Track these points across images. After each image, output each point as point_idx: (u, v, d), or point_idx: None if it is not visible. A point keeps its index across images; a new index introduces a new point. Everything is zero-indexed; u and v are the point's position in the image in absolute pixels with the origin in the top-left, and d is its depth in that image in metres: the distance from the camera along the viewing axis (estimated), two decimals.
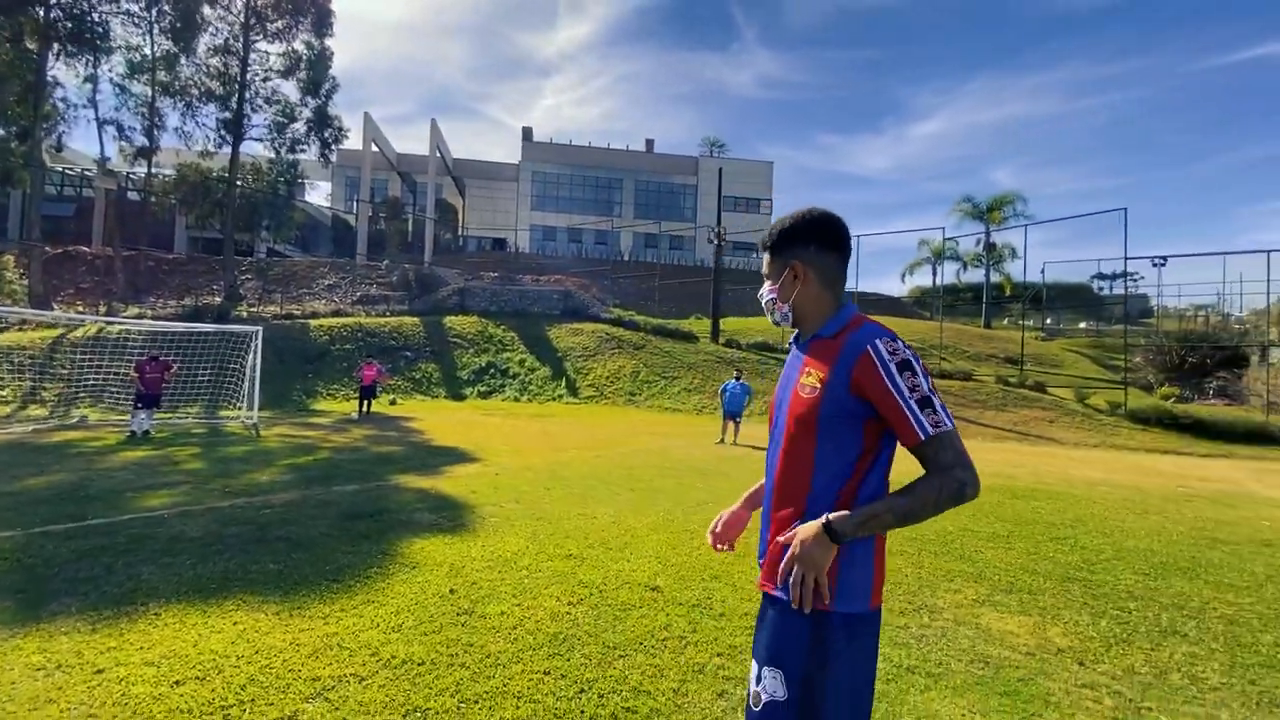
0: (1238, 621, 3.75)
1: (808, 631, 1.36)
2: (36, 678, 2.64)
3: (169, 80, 27.29)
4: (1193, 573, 4.71)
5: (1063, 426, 17.19)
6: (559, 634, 3.22)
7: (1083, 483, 9.21)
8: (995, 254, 36.83)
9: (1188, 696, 2.81)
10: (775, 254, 1.60)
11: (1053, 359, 28.67)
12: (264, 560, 4.26)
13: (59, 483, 6.74)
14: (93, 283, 27.96)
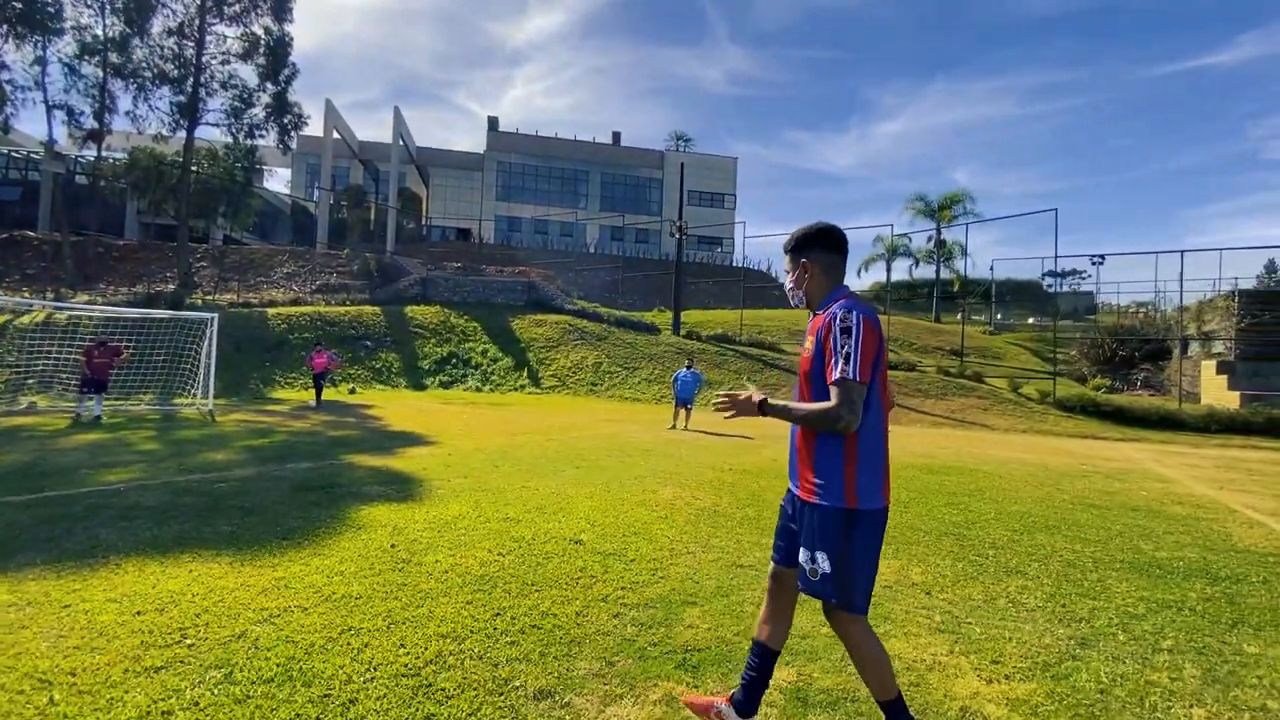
0: (1075, 565, 4.41)
1: (841, 524, 1.95)
2: (9, 611, 2.98)
3: (121, 62, 26.52)
4: (1057, 530, 5.40)
5: (996, 414, 18.26)
6: (485, 576, 3.67)
7: (996, 461, 10.01)
8: (945, 251, 38.24)
9: (1005, 615, 3.41)
10: (793, 255, 2.20)
11: (995, 352, 30.08)
12: (218, 524, 4.60)
13: (12, 462, 6.89)
14: (39, 269, 27.08)
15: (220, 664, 2.53)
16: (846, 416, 1.87)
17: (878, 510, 1.98)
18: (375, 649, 2.70)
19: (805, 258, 2.15)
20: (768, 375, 22.63)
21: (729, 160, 54.77)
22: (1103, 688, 2.61)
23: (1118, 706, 2.46)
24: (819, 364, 2.00)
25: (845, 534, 1.94)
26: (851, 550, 1.94)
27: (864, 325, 1.92)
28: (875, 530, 1.98)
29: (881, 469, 1.99)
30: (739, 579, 3.80)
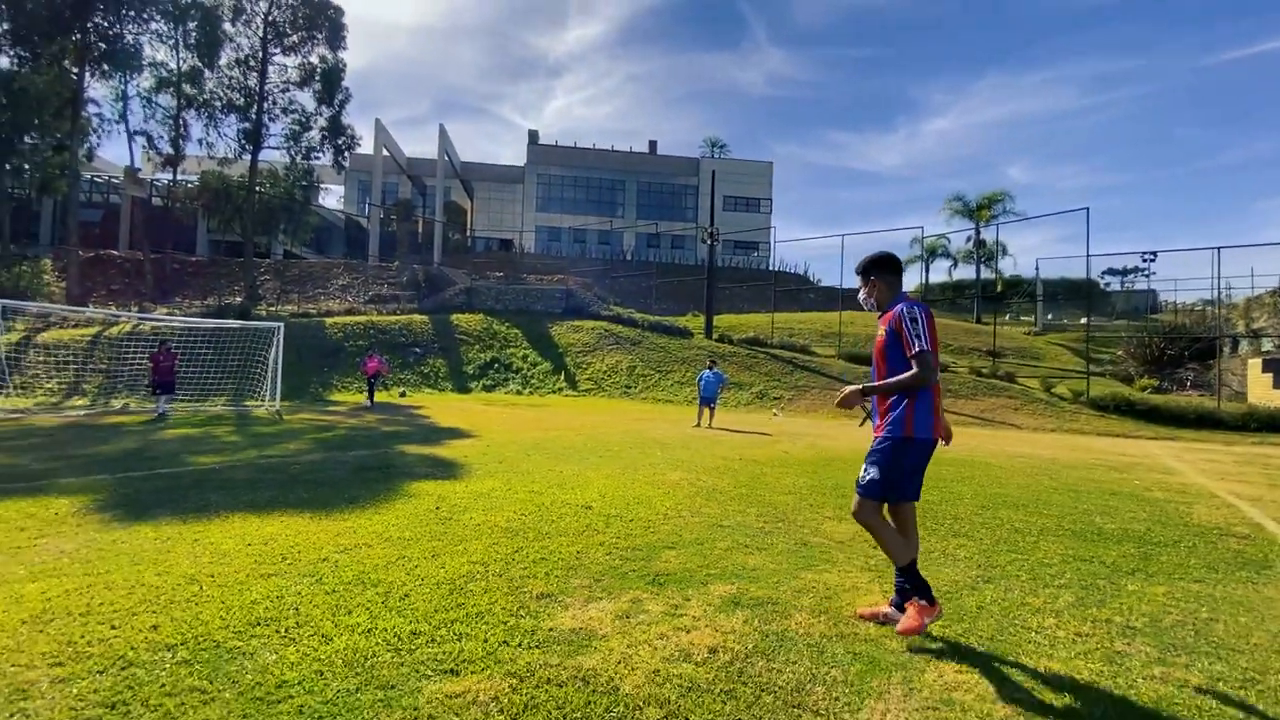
0: (1021, 531, 5.00)
1: (892, 446, 2.86)
2: (158, 543, 4.02)
3: (194, 93, 28.94)
4: (1023, 508, 5.96)
5: (1025, 413, 18.30)
6: (509, 528, 4.56)
7: (1005, 456, 10.41)
8: (985, 251, 37.72)
9: (933, 562, 4.08)
10: (863, 275, 3.13)
11: (1036, 352, 29.64)
12: (297, 491, 5.64)
13: (124, 449, 8.19)
14: (123, 284, 29.73)
15: (311, 574, 3.47)
16: (928, 375, 2.78)
17: (927, 440, 2.89)
18: (422, 569, 3.60)
19: (874, 277, 3.09)
20: (797, 376, 23.07)
21: (764, 165, 55.06)
22: (981, 605, 3.29)
23: (986, 616, 3.15)
24: (894, 347, 2.90)
25: (898, 455, 2.85)
26: (902, 465, 2.86)
27: (925, 314, 2.85)
28: (923, 453, 2.92)
29: (932, 413, 2.88)
30: (715, 534, 4.57)
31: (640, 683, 2.36)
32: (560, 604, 3.14)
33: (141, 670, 2.36)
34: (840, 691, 2.35)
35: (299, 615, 2.90)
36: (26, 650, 2.50)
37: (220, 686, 2.25)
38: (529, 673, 2.40)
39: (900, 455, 2.86)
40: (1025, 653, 2.73)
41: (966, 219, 38.36)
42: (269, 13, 29.13)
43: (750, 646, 2.70)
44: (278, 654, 2.51)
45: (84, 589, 3.17)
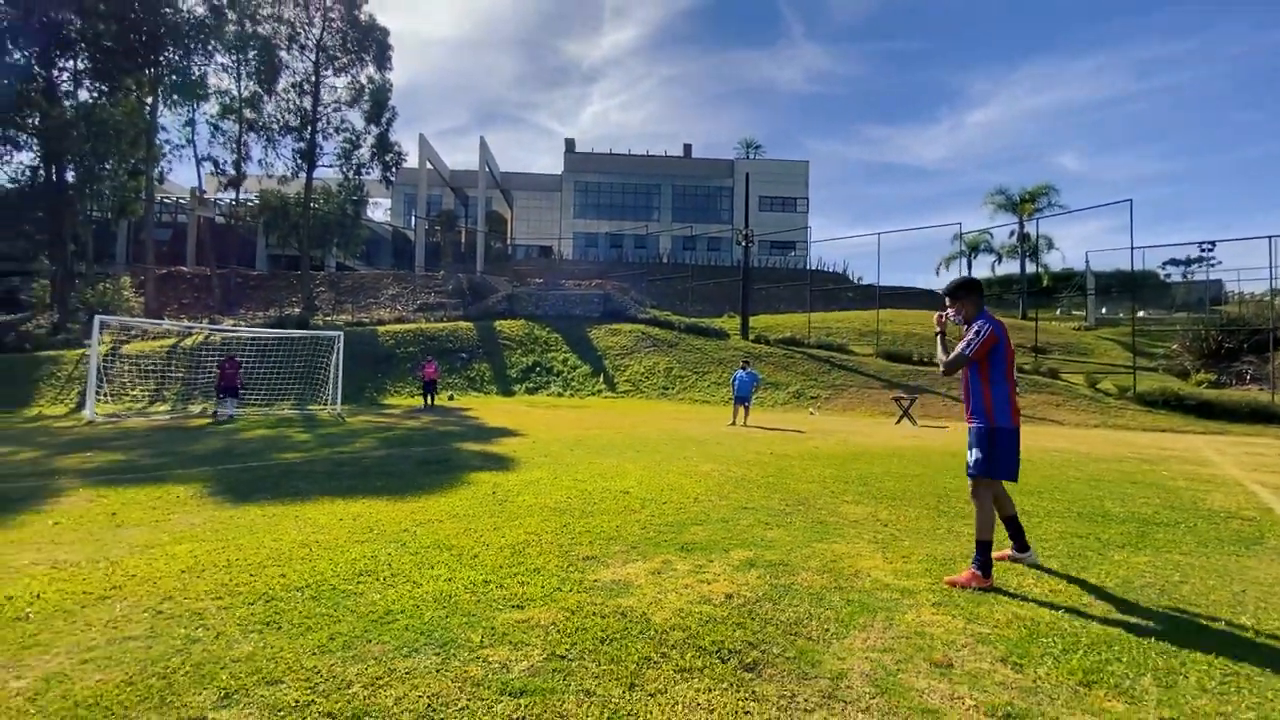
0: (1028, 514, 5.34)
1: (987, 433, 3.56)
2: (266, 519, 4.78)
3: (254, 117, 30.88)
4: (1039, 495, 6.27)
5: (1068, 410, 18.09)
6: (557, 508, 5.19)
7: (1038, 450, 10.54)
8: (1029, 245, 36.87)
9: (935, 538, 4.51)
10: (952, 296, 3.85)
11: (1084, 348, 28.93)
12: (372, 481, 6.41)
13: (214, 447, 9.20)
14: (193, 298, 31.89)
15: (396, 541, 4.16)
16: (950, 364, 3.72)
17: (1009, 428, 3.58)
18: (487, 538, 4.26)
19: (960, 299, 3.82)
20: (834, 375, 23.21)
21: (800, 164, 54.90)
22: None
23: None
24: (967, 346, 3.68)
25: (990, 440, 3.57)
26: (996, 449, 3.56)
27: (987, 331, 3.60)
28: (1010, 438, 3.58)
29: (1009, 406, 3.60)
30: (740, 515, 5.10)
31: (668, 616, 2.93)
32: (602, 564, 3.73)
33: (281, 602, 3.06)
34: (831, 625, 2.87)
35: (392, 569, 3.57)
36: (191, 590, 3.23)
37: (343, 614, 2.93)
38: (579, 608, 3.00)
39: (993, 442, 3.58)
40: (998, 602, 3.19)
41: (1009, 213, 37.59)
42: (321, 38, 30.86)
43: (760, 594, 3.23)
44: (381, 594, 3.18)
45: (219, 550, 3.92)
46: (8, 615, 2.89)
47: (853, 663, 2.51)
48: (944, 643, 2.70)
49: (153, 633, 2.70)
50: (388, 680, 2.31)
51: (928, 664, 2.51)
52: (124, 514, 4.89)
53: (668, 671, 2.41)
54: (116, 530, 4.43)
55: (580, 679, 2.34)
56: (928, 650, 2.63)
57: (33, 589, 3.22)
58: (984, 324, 3.60)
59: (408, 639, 2.65)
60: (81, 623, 2.82)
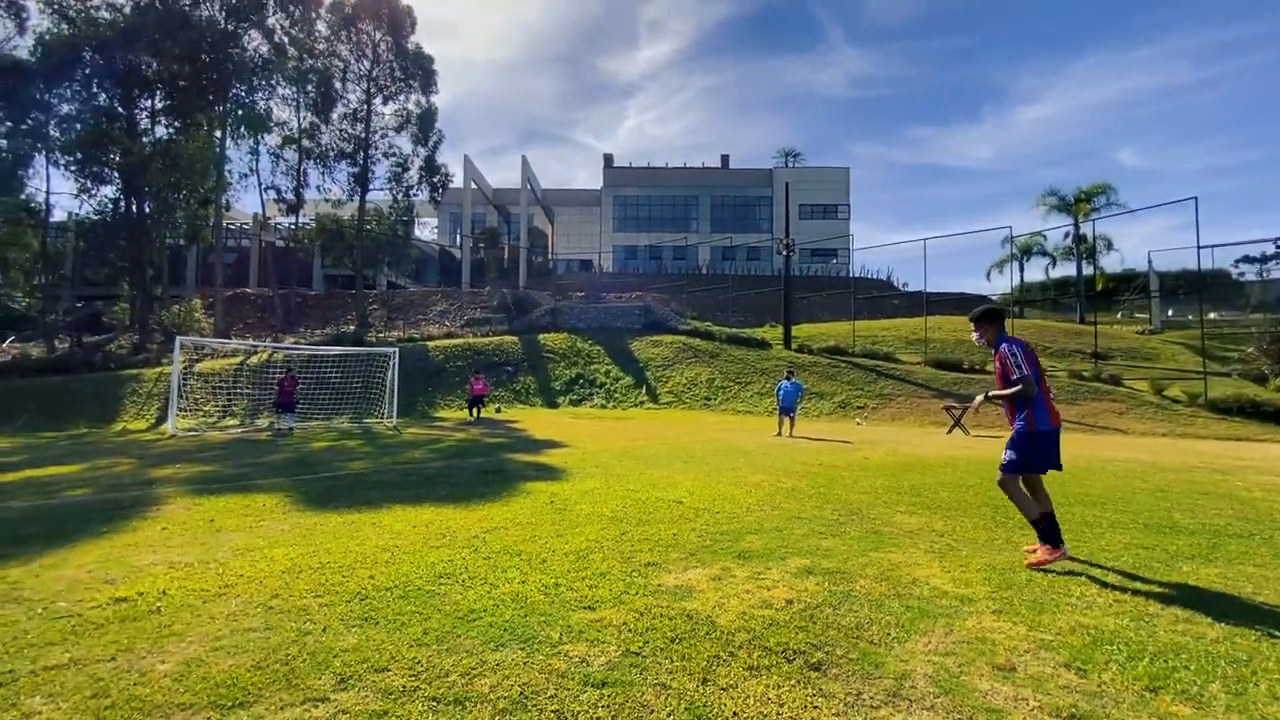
0: (1090, 525, 5.28)
1: (1024, 435, 4.08)
2: (343, 525, 5.14)
3: (311, 146, 32.55)
4: (1102, 505, 6.14)
5: (1133, 418, 17.35)
6: (614, 516, 5.39)
7: (1099, 460, 10.22)
8: (1086, 246, 35.52)
9: (993, 548, 4.52)
10: (976, 322, 4.39)
11: (1148, 352, 27.63)
12: (436, 490, 6.75)
13: (287, 458, 9.77)
14: (256, 318, 33.64)
15: (469, 547, 4.43)
16: (1027, 389, 4.04)
17: (1049, 430, 4.08)
18: (552, 544, 4.48)
19: (983, 325, 4.35)
20: (881, 385, 22.83)
21: (841, 171, 54.37)
22: (1030, 579, 3.76)
23: (1032, 588, 3.62)
24: (1004, 375, 4.15)
25: (1029, 443, 4.06)
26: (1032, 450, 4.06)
27: (1021, 349, 4.10)
28: (1049, 439, 4.08)
29: (1046, 413, 4.08)
30: (793, 524, 5.20)
31: (732, 619, 3.08)
32: (664, 569, 3.91)
33: (374, 600, 3.34)
34: (892, 629, 2.97)
35: (469, 573, 3.83)
36: (294, 589, 3.55)
37: (430, 611, 3.18)
38: (646, 610, 3.19)
39: (1031, 444, 4.08)
40: (1060, 611, 3.23)
41: (1063, 214, 36.33)
42: (371, 69, 32.38)
43: (820, 600, 3.35)
44: (462, 595, 3.43)
45: (311, 553, 4.26)
46: (142, 609, 3.26)
47: (915, 665, 2.61)
48: (1006, 648, 2.77)
49: (268, 625, 3.01)
50: (480, 671, 2.54)
51: (990, 667, 2.59)
52: (221, 520, 5.33)
53: (737, 669, 2.57)
54: (217, 535, 4.85)
55: (655, 674, 2.52)
56: (990, 654, 2.71)
57: (158, 586, 3.59)
58: (1014, 345, 4.08)
59: (493, 635, 2.88)
60: (205, 616, 3.15)
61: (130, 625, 3.05)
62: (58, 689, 2.43)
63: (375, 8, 31.47)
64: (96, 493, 6.90)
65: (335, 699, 2.32)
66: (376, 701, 2.30)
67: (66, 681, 2.48)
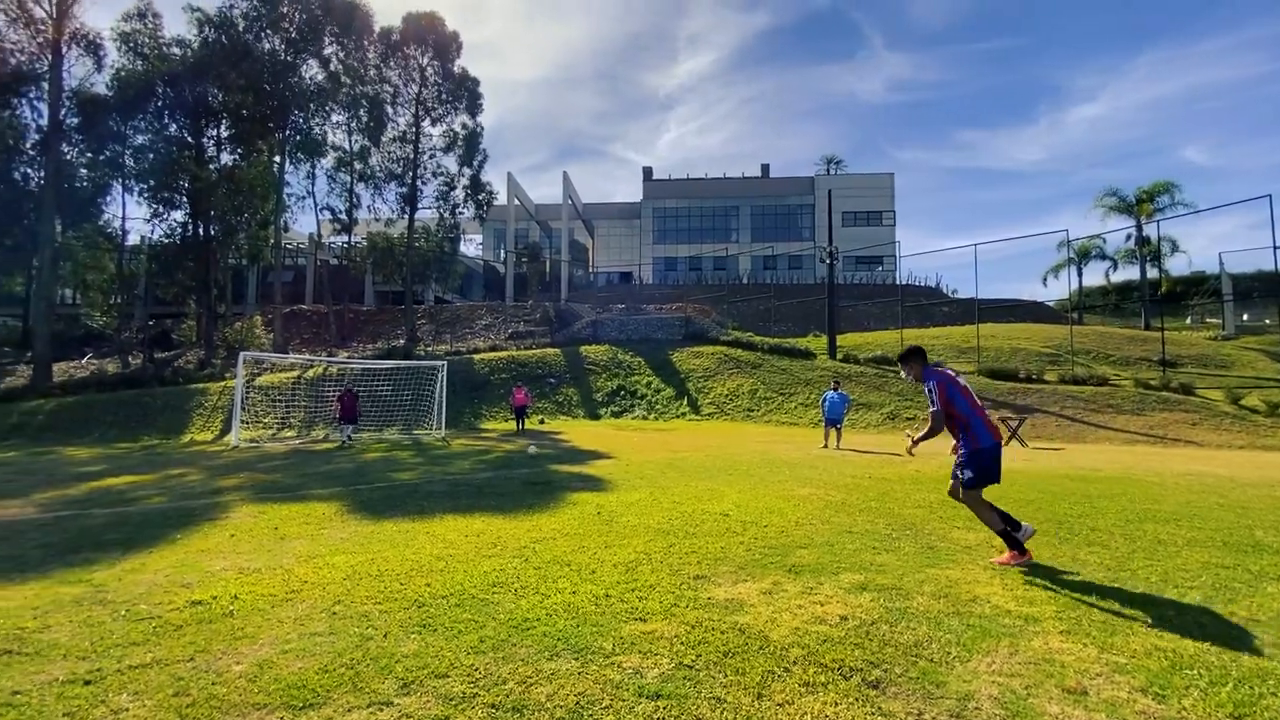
0: (1164, 543, 5.00)
1: (972, 454, 4.31)
2: (399, 533, 5.29)
3: (363, 168, 33.90)
4: (1176, 522, 5.81)
5: (1207, 429, 16.36)
6: (661, 529, 5.39)
7: (1172, 474, 9.67)
8: (1150, 248, 33.83)
9: (1058, 565, 4.33)
10: (901, 363, 4.81)
11: (1222, 359, 26.04)
12: (486, 500, 6.88)
13: (343, 469, 10.12)
14: (312, 334, 35.05)
15: (520, 556, 4.50)
16: (936, 425, 4.41)
17: (991, 445, 4.31)
18: (600, 555, 4.52)
19: (909, 363, 4.74)
20: None
21: (885, 177, 53.39)
22: (1099, 598, 3.58)
23: (1106, 610, 3.46)
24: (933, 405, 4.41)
25: (978, 459, 4.27)
26: (982, 464, 4.27)
27: (936, 385, 4.36)
28: (992, 453, 4.30)
29: (985, 430, 4.33)
30: (844, 539, 5.10)
31: (785, 634, 3.04)
32: (713, 583, 3.89)
33: (432, 608, 3.43)
34: (953, 648, 2.88)
35: (520, 582, 3.89)
36: (355, 595, 3.68)
37: (485, 620, 3.25)
38: (698, 623, 3.18)
39: (980, 460, 4.28)
40: (1134, 633, 3.07)
41: (1124, 215, 34.74)
42: (420, 92, 33.57)
43: (875, 616, 3.28)
44: (515, 604, 3.49)
45: (369, 561, 4.41)
46: (216, 612, 3.43)
47: (979, 685, 2.53)
48: (1076, 670, 2.66)
49: (332, 630, 3.13)
50: (536, 679, 2.58)
51: (1059, 690, 2.49)
52: (284, 528, 5.57)
53: (793, 685, 2.54)
54: (281, 542, 5.06)
55: (710, 687, 2.51)
56: (1059, 676, 2.60)
57: (230, 590, 3.78)
58: (930, 381, 4.41)
59: (547, 644, 2.92)
60: (274, 620, 3.30)
61: (206, 627, 3.21)
62: (142, 687, 2.57)
63: (422, 33, 32.67)
64: (170, 501, 7.29)
65: (399, 703, 2.39)
66: (438, 707, 2.36)
67: (150, 680, 2.63)
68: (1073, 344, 24.79)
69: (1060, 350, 25.68)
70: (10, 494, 8.02)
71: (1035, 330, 30.47)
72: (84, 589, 3.90)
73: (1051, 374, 22.12)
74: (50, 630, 3.20)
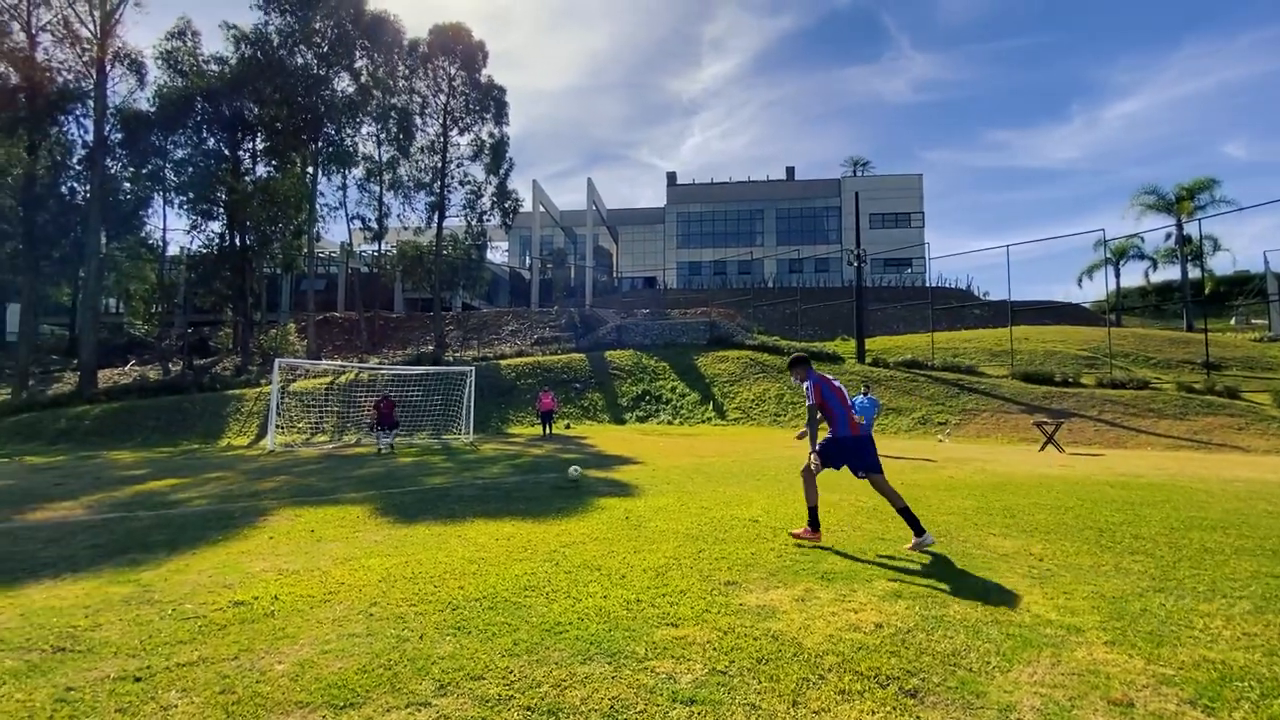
0: (1211, 551, 4.82)
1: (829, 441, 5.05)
2: (431, 536, 5.37)
3: (393, 178, 34.58)
4: (1223, 529, 5.59)
5: (1254, 434, 15.73)
6: (690, 534, 5.38)
7: (1217, 480, 9.32)
8: (1190, 247, 32.73)
9: (1100, 575, 4.21)
10: (789, 370, 5.51)
11: (1269, 362, 25.02)
12: (515, 504, 6.95)
13: (376, 473, 10.31)
14: (344, 340, 35.80)
15: (550, 560, 4.53)
16: (810, 415, 5.11)
17: (845, 437, 5.00)
18: (630, 560, 4.53)
19: (794, 369, 5.35)
20: (964, 399, 21.74)
21: (913, 178, 52.63)
22: (1145, 609, 3.47)
23: (1148, 618, 3.35)
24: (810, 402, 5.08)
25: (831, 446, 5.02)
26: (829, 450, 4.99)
27: (813, 385, 5.05)
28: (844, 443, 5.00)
29: (845, 425, 5.02)
30: (877, 545, 5.03)
31: (819, 641, 3.01)
32: (744, 589, 3.87)
33: (465, 610, 3.47)
34: (992, 658, 2.82)
35: (552, 586, 3.92)
36: (391, 597, 3.75)
37: (518, 623, 3.28)
38: (730, 629, 3.16)
39: (830, 446, 5.07)
40: (1183, 644, 2.97)
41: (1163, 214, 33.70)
42: (447, 102, 34.16)
43: (911, 624, 3.23)
44: (547, 608, 3.52)
45: (403, 564, 4.49)
46: (258, 612, 3.53)
47: (1020, 696, 2.47)
48: (1122, 681, 2.58)
49: (370, 631, 3.19)
50: (570, 683, 2.59)
51: (1105, 702, 2.42)
52: (321, 530, 5.70)
53: (828, 693, 2.51)
54: (318, 544, 5.18)
55: (744, 694, 2.50)
56: (1104, 688, 2.53)
57: (270, 591, 3.88)
58: (808, 383, 5.13)
59: (580, 648, 2.94)
60: (313, 620, 3.38)
61: (249, 627, 3.30)
62: (190, 684, 2.66)
63: (450, 44, 33.26)
64: (210, 504, 7.51)
65: (436, 704, 2.43)
66: (475, 708, 2.39)
67: (197, 678, 2.72)
68: (1111, 346, 24.07)
69: (1098, 353, 24.96)
70: (61, 496, 8.35)
71: (1071, 332, 29.68)
72: (132, 589, 4.04)
73: (1089, 377, 21.51)
74: (101, 628, 3.33)
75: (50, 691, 2.60)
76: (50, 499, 8.11)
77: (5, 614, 3.59)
